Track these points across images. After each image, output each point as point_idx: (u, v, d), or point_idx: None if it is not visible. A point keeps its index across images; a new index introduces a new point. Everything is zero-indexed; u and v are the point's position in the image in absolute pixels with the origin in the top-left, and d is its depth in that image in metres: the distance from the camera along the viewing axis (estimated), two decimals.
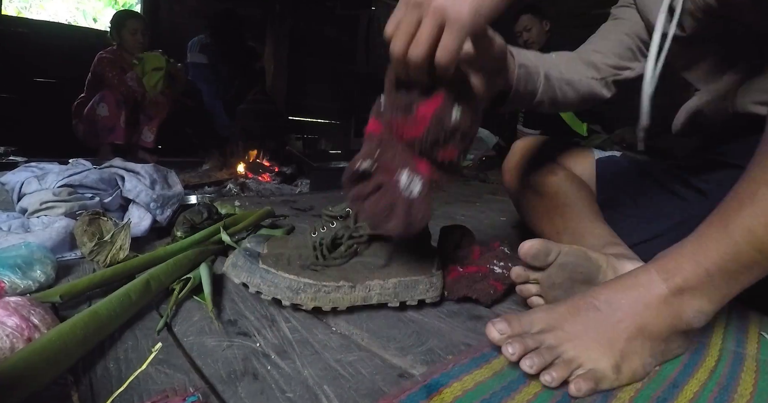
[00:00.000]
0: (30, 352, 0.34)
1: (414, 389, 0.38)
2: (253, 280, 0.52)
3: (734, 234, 0.40)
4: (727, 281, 0.42)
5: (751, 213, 0.40)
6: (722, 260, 0.41)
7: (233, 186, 1.67)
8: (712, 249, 0.42)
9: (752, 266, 0.41)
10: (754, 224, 0.39)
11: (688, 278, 0.42)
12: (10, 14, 2.59)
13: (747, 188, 0.41)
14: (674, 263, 0.44)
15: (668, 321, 0.43)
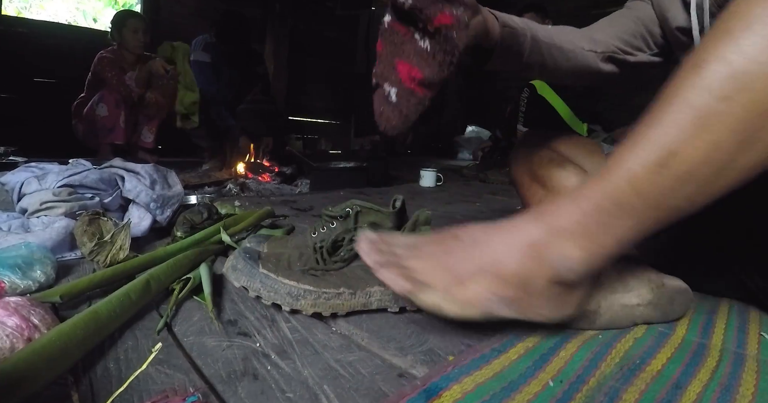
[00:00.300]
0: (30, 352, 0.34)
1: (413, 394, 0.37)
2: (254, 285, 0.52)
3: (616, 176, 0.40)
4: (601, 225, 0.41)
5: (634, 156, 0.40)
6: (600, 200, 0.41)
7: (233, 186, 1.67)
8: (592, 190, 0.42)
9: (628, 211, 0.40)
10: (635, 166, 0.40)
11: (562, 218, 0.42)
12: (10, 14, 2.59)
13: (633, 135, 0.41)
14: (555, 206, 0.44)
15: (528, 264, 0.42)
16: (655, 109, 0.41)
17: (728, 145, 0.38)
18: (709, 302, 0.64)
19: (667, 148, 0.39)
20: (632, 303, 0.53)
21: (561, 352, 0.47)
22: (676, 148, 0.39)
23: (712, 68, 0.38)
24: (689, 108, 0.38)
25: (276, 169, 2.14)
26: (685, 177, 0.39)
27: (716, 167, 0.38)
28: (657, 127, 0.40)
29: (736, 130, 0.37)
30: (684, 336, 0.53)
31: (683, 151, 0.38)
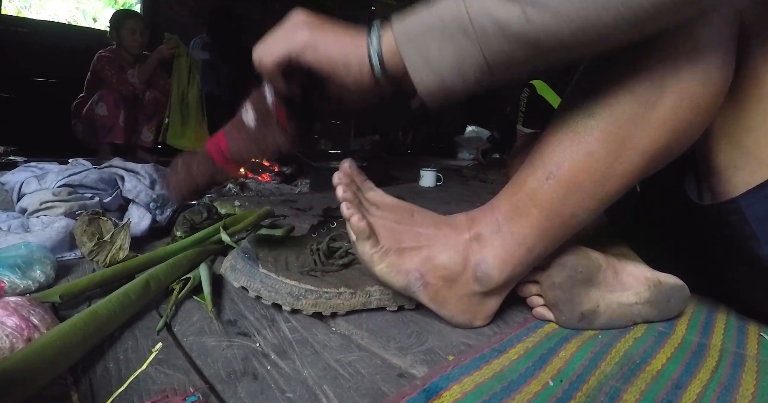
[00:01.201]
0: (30, 352, 0.34)
1: (413, 394, 0.37)
2: (254, 285, 0.52)
3: (517, 188, 0.48)
4: (509, 233, 0.47)
5: (529, 170, 0.48)
6: (506, 211, 0.48)
7: (233, 186, 1.67)
8: (500, 201, 0.49)
9: (530, 220, 0.47)
10: (530, 179, 0.47)
11: (482, 226, 0.49)
12: (10, 14, 2.59)
13: (531, 153, 0.49)
14: (480, 212, 0.50)
15: (457, 260, 0.48)
16: (545, 132, 0.48)
17: (601, 154, 0.44)
18: (709, 302, 0.64)
19: (553, 161, 0.46)
20: (630, 302, 0.53)
21: (561, 352, 0.47)
22: (559, 161, 0.46)
23: (581, 91, 0.45)
24: (565, 125, 0.46)
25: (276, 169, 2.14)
26: (571, 186, 0.45)
27: (597, 175, 0.45)
28: (545, 146, 0.47)
29: (606, 140, 0.44)
30: (684, 336, 0.53)
31: (565, 163, 0.45)
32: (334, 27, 0.42)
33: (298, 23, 0.42)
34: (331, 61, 0.40)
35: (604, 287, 0.52)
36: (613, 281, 0.53)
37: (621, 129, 0.43)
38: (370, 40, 0.40)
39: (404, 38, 0.39)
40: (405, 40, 0.39)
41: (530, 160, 0.49)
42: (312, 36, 0.41)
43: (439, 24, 0.37)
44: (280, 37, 0.42)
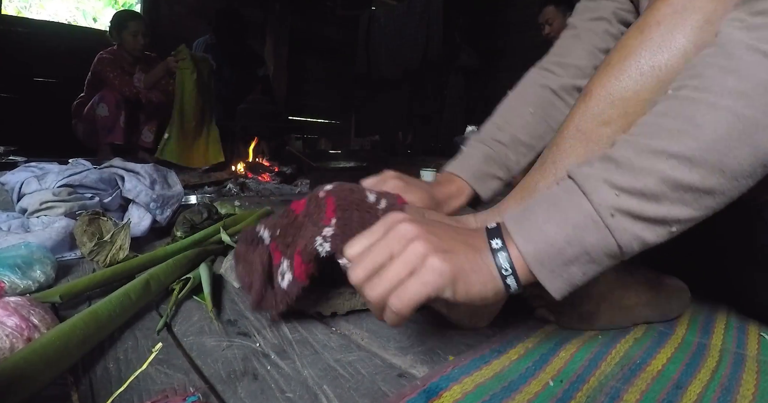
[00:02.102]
0: (30, 352, 0.34)
1: (413, 394, 0.37)
2: None
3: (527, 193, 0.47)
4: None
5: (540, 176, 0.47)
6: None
7: (233, 186, 1.67)
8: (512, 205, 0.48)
9: None
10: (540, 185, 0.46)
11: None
12: (10, 14, 2.59)
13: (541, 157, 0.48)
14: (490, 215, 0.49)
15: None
16: (557, 135, 0.47)
17: None
18: (709, 302, 0.64)
19: (565, 169, 0.42)
20: (631, 303, 0.53)
21: (561, 352, 0.46)
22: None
23: (595, 97, 0.44)
24: (580, 133, 0.45)
25: (276, 169, 2.14)
26: None
27: None
28: (557, 152, 0.46)
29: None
30: (684, 336, 0.53)
31: None
32: (458, 245, 0.36)
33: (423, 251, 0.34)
34: (469, 298, 0.35)
35: (605, 288, 0.52)
36: (614, 282, 0.53)
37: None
38: (501, 266, 0.36)
39: (543, 270, 0.36)
40: (545, 271, 0.36)
41: (541, 163, 0.47)
42: (451, 270, 0.34)
43: (585, 255, 0.36)
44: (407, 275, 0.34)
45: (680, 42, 0.40)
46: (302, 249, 0.46)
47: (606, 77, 0.44)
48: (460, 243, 0.37)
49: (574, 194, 0.36)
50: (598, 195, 0.35)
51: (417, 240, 0.35)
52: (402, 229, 0.36)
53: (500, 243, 0.37)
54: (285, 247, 0.49)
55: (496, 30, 3.84)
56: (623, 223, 0.35)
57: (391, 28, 3.78)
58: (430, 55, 3.60)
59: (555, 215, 0.36)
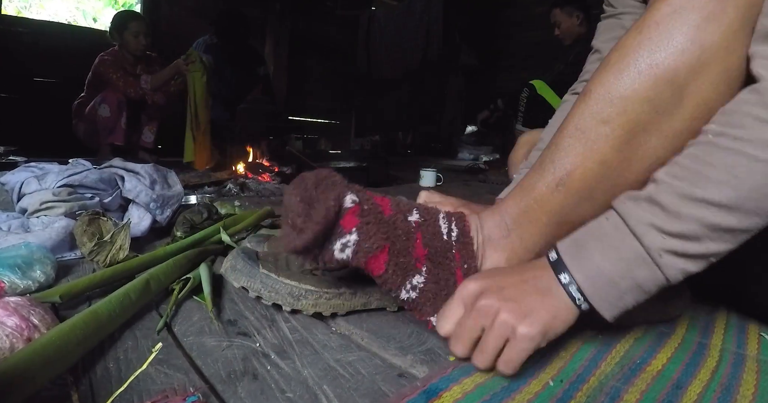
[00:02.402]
0: (30, 352, 0.34)
1: (413, 394, 0.37)
2: (254, 285, 0.52)
3: (526, 194, 0.48)
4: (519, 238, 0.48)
5: (539, 176, 0.47)
6: (514, 214, 0.48)
7: (233, 186, 1.67)
8: (508, 204, 0.49)
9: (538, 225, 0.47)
10: (540, 185, 0.47)
11: (492, 229, 0.49)
12: (10, 14, 2.59)
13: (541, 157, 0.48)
14: (489, 214, 0.50)
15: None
16: (556, 134, 0.47)
17: (614, 162, 0.43)
18: (709, 302, 0.64)
19: (564, 168, 0.45)
20: None
21: (561, 352, 0.46)
22: (571, 168, 0.45)
23: (595, 96, 0.44)
24: (579, 131, 0.45)
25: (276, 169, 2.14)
26: (583, 193, 0.45)
27: (608, 183, 0.44)
28: (555, 151, 0.46)
29: (619, 148, 0.43)
30: (684, 336, 0.53)
31: (577, 170, 0.44)
32: (532, 299, 0.42)
33: (508, 322, 0.40)
34: (557, 335, 0.42)
35: None
36: None
37: (636, 138, 0.42)
38: (575, 297, 0.41)
39: (602, 302, 0.41)
40: (603, 303, 0.41)
41: (540, 163, 0.48)
42: (539, 331, 0.40)
43: (637, 288, 0.40)
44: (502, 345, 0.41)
45: (679, 41, 0.40)
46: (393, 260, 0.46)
47: (605, 76, 0.44)
48: (534, 295, 0.41)
49: (626, 235, 0.40)
50: (647, 239, 0.39)
51: (501, 313, 0.40)
52: (483, 305, 0.41)
53: (568, 277, 0.41)
54: (365, 225, 0.45)
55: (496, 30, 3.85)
56: (670, 260, 0.39)
57: (391, 28, 3.78)
58: (430, 55, 3.60)
59: (609, 253, 0.40)
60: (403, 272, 0.46)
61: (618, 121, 0.43)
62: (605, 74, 0.44)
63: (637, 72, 0.42)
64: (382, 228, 0.45)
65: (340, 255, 0.44)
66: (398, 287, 0.46)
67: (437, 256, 0.48)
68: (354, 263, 0.45)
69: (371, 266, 0.45)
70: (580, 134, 0.45)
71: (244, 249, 0.57)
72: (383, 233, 0.45)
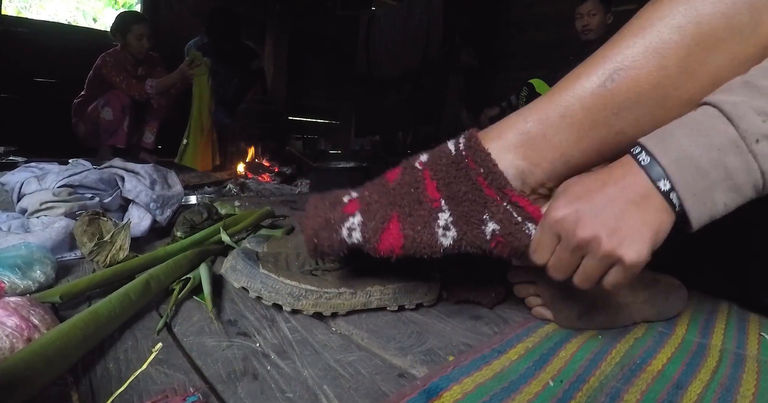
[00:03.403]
0: (30, 352, 0.34)
1: (413, 394, 0.37)
2: (254, 285, 0.52)
3: (565, 90, 0.43)
4: (543, 136, 0.43)
5: (585, 71, 0.42)
6: (546, 112, 0.43)
7: (233, 186, 1.67)
8: (541, 102, 0.44)
9: (572, 124, 0.42)
10: (584, 80, 0.42)
11: (507, 133, 0.44)
12: (10, 14, 2.59)
13: (592, 56, 0.43)
14: (503, 122, 0.46)
15: None
16: (616, 35, 0.42)
17: (674, 71, 0.39)
18: (709, 302, 0.64)
19: (617, 64, 0.40)
20: (628, 301, 0.53)
21: (561, 352, 0.47)
22: (628, 64, 0.40)
23: (668, 2, 0.40)
24: (644, 31, 0.40)
25: (276, 169, 2.14)
26: (631, 97, 0.40)
27: (660, 93, 0.40)
28: (612, 48, 0.41)
29: (684, 58, 0.39)
30: (684, 336, 0.53)
31: (632, 68, 0.40)
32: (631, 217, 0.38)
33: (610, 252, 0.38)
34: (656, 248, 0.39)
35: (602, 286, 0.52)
36: None
37: (704, 53, 0.39)
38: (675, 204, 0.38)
39: (689, 194, 0.37)
40: (690, 196, 0.37)
41: (589, 59, 0.43)
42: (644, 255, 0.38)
43: (728, 180, 0.36)
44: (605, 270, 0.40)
45: None
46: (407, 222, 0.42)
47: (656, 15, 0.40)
48: (633, 212, 0.38)
49: (718, 120, 0.36)
50: (744, 122, 0.35)
51: (604, 245, 0.38)
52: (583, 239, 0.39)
53: (668, 184, 0.37)
54: (366, 204, 0.44)
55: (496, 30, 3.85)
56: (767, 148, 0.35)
57: (391, 28, 3.78)
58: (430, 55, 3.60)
59: (699, 141, 0.36)
60: (425, 222, 0.42)
61: (689, 30, 0.39)
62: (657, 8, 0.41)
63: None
64: (384, 199, 0.43)
65: (350, 240, 0.43)
66: (435, 242, 0.42)
67: (449, 178, 0.43)
68: (370, 248, 0.42)
69: (390, 243, 0.42)
70: (644, 34, 0.40)
71: (244, 249, 0.57)
72: (387, 204, 0.42)
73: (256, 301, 0.54)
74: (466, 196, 0.42)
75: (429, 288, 0.56)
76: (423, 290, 0.55)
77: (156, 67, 2.30)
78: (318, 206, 0.47)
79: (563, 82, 0.43)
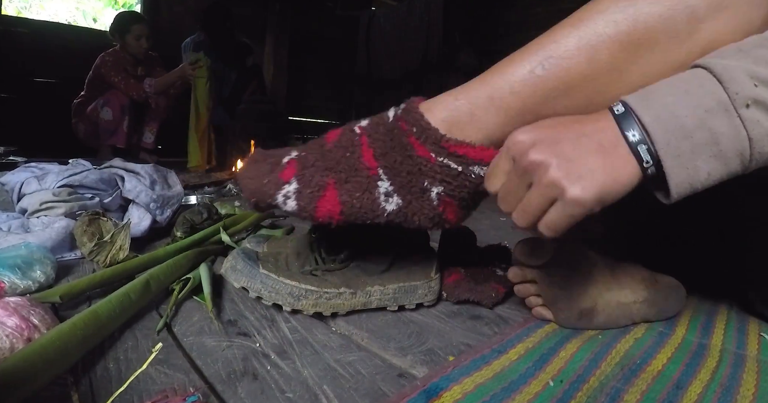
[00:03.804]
0: (30, 352, 0.34)
1: (413, 394, 0.37)
2: (254, 285, 0.52)
3: (497, 74, 0.42)
4: (470, 116, 0.42)
5: (518, 57, 0.42)
6: (475, 93, 0.43)
7: (233, 186, 1.67)
8: (471, 85, 0.44)
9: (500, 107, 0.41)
10: (516, 66, 0.41)
11: (437, 110, 0.43)
12: (10, 14, 2.59)
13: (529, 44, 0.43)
14: (434, 99, 0.45)
15: None
16: (556, 25, 0.42)
17: (605, 65, 0.39)
18: (709, 302, 0.64)
19: (549, 52, 0.40)
20: (628, 301, 0.53)
21: (561, 352, 0.47)
22: (560, 54, 0.40)
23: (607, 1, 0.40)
24: (580, 23, 0.40)
25: None
26: (560, 86, 0.40)
27: (589, 86, 0.40)
28: (548, 36, 0.41)
29: (616, 54, 0.39)
30: (684, 336, 0.53)
31: (564, 59, 0.39)
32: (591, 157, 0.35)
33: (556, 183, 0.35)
34: (614, 200, 0.36)
35: (602, 285, 0.53)
36: (610, 279, 0.53)
37: (637, 51, 0.39)
38: (644, 160, 0.35)
39: (669, 154, 0.34)
40: (671, 156, 0.34)
41: (525, 47, 0.42)
42: (592, 199, 0.34)
43: (714, 145, 0.34)
44: (546, 205, 0.36)
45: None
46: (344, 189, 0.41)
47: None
48: (595, 154, 0.35)
49: (707, 81, 0.34)
50: (735, 84, 0.33)
51: (551, 170, 0.35)
52: (533, 160, 0.36)
53: (638, 135, 0.35)
54: (302, 169, 0.42)
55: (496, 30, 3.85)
56: (757, 115, 0.33)
57: (391, 29, 3.78)
58: (430, 55, 3.60)
59: (685, 100, 0.34)
60: (363, 189, 0.41)
61: (625, 27, 0.39)
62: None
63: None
64: (320, 163, 0.41)
65: (286, 207, 0.42)
66: (377, 207, 0.41)
67: (386, 148, 0.41)
68: (306, 215, 0.41)
69: (327, 210, 0.41)
70: (581, 25, 0.40)
71: (244, 249, 0.57)
72: (324, 169, 0.41)
73: (256, 301, 0.54)
74: (403, 166, 0.41)
75: (429, 288, 0.56)
76: (423, 290, 0.55)
77: (155, 67, 2.30)
78: (258, 164, 0.46)
79: (497, 65, 0.43)
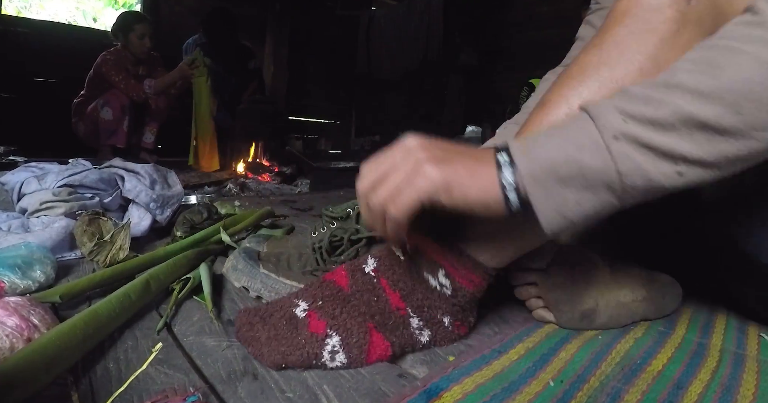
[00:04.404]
0: (30, 352, 0.34)
1: (413, 394, 0.37)
2: (254, 285, 0.52)
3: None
4: None
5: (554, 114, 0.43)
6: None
7: (233, 186, 1.67)
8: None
9: None
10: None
11: None
12: (10, 14, 2.59)
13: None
14: None
15: None
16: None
17: None
18: (709, 302, 0.64)
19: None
20: (628, 300, 0.53)
21: (561, 352, 0.46)
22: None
23: (554, 107, 0.43)
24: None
25: (276, 169, 2.14)
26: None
27: None
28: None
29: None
30: (684, 336, 0.53)
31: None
32: (458, 157, 0.37)
33: (419, 159, 0.36)
34: (468, 203, 0.36)
35: (602, 285, 0.53)
36: (610, 280, 0.53)
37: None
38: (504, 178, 0.36)
39: (536, 187, 0.35)
40: (538, 189, 0.35)
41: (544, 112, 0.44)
42: (443, 176, 0.35)
43: (581, 178, 0.34)
44: (402, 182, 0.36)
45: (638, 59, 0.41)
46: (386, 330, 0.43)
47: (566, 88, 0.43)
48: (463, 155, 0.37)
49: (582, 120, 0.36)
50: (604, 118, 0.34)
51: (417, 150, 0.36)
52: (407, 142, 0.37)
53: (507, 158, 0.36)
54: (332, 318, 0.42)
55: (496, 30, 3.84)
56: (626, 148, 0.33)
57: (391, 28, 3.79)
58: (430, 55, 3.60)
59: (558, 137, 0.36)
60: (402, 327, 0.44)
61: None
62: (566, 86, 0.44)
63: (598, 85, 0.42)
64: (348, 309, 0.43)
65: (333, 363, 0.41)
66: (415, 341, 0.45)
67: (407, 288, 0.45)
68: (354, 365, 0.41)
69: (377, 355, 0.42)
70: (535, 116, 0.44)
71: (244, 249, 0.57)
72: (357, 315, 0.43)
73: (257, 300, 0.54)
74: (424, 302, 0.45)
75: None
76: None
77: (156, 67, 2.30)
78: (269, 325, 0.43)
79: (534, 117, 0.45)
